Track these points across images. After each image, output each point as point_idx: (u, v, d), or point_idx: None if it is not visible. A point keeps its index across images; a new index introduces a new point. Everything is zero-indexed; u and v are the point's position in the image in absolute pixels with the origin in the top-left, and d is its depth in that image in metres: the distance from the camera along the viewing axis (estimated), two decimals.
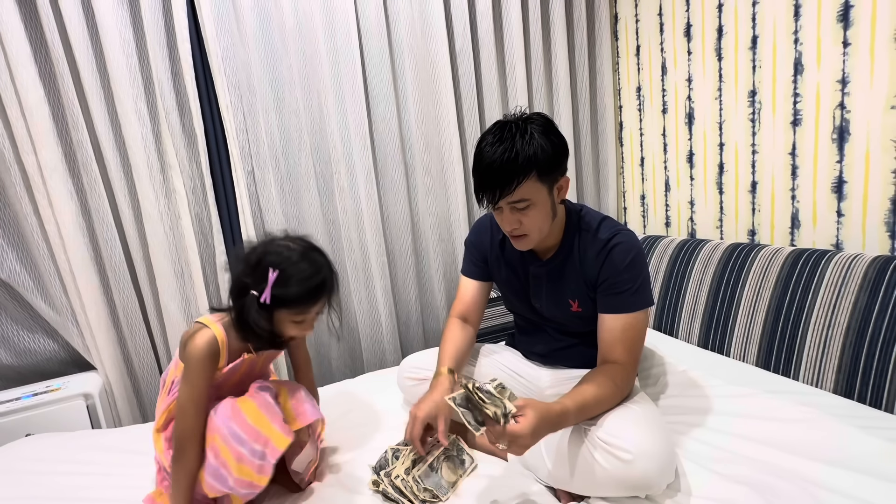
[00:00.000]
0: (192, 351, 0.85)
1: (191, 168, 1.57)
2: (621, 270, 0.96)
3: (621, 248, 0.97)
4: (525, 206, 0.92)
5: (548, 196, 0.94)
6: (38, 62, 1.37)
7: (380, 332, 1.82)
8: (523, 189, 0.90)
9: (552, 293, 1.08)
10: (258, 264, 0.85)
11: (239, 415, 0.84)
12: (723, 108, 1.57)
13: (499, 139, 0.90)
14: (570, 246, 1.04)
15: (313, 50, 1.63)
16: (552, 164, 0.92)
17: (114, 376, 1.50)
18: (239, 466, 0.81)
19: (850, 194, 1.27)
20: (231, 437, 0.82)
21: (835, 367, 1.14)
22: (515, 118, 0.94)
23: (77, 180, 1.45)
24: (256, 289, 0.85)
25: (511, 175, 0.89)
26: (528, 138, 0.89)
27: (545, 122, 0.93)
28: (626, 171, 2.06)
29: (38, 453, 1.13)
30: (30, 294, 1.45)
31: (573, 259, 1.03)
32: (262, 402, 0.87)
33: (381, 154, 1.78)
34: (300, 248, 0.89)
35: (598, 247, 0.99)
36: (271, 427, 0.84)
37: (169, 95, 1.50)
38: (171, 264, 1.53)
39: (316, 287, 0.87)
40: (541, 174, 0.90)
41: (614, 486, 0.83)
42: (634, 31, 1.89)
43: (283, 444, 0.83)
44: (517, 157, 0.88)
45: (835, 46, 1.25)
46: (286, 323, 0.89)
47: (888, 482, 0.81)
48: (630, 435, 0.83)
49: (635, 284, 0.96)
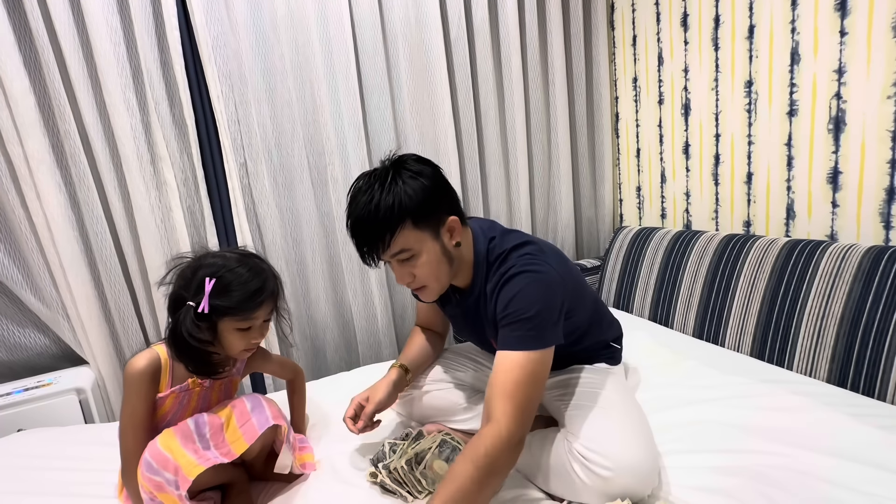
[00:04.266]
0: (129, 370, 0.84)
1: (182, 160, 1.54)
2: (507, 304, 0.84)
3: (513, 282, 0.86)
4: (409, 256, 0.85)
5: (434, 242, 0.86)
6: (22, 51, 1.33)
7: (375, 325, 1.81)
8: (400, 241, 0.83)
9: (473, 332, 1.08)
10: (194, 275, 0.84)
11: (153, 443, 0.82)
12: (719, 99, 1.57)
13: (360, 191, 0.85)
14: (479, 286, 0.95)
15: (305, 39, 1.60)
16: (426, 209, 0.84)
17: (106, 371, 1.49)
18: (163, 495, 0.78)
19: (845, 185, 1.27)
20: (145, 466, 0.79)
21: (828, 357, 1.14)
22: (381, 166, 0.87)
23: (65, 172, 1.42)
24: (193, 300, 0.82)
25: (379, 230, 0.82)
26: (388, 187, 0.82)
27: (414, 166, 0.86)
28: (621, 162, 2.06)
29: (30, 448, 1.12)
30: (19, 288, 1.43)
31: (484, 297, 0.94)
32: (182, 428, 0.85)
33: (376, 145, 1.76)
34: (237, 255, 0.88)
35: (496, 280, 0.90)
36: (182, 453, 0.80)
37: (158, 85, 1.47)
38: (163, 258, 1.51)
39: (257, 290, 0.85)
40: (416, 221, 0.83)
41: (595, 496, 0.82)
42: (631, 21, 1.88)
43: (192, 473, 0.77)
44: (379, 209, 0.81)
45: (832, 36, 1.24)
46: (231, 333, 0.86)
47: (881, 470, 0.82)
48: (608, 448, 0.81)
49: (522, 318, 0.82)
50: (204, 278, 0.83)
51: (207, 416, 0.88)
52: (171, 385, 0.88)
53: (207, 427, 0.87)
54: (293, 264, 1.71)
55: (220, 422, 0.88)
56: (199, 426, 0.86)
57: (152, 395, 0.86)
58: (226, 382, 0.98)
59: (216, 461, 0.81)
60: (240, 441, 0.85)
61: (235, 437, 0.86)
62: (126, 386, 0.84)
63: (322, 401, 1.28)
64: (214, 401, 0.97)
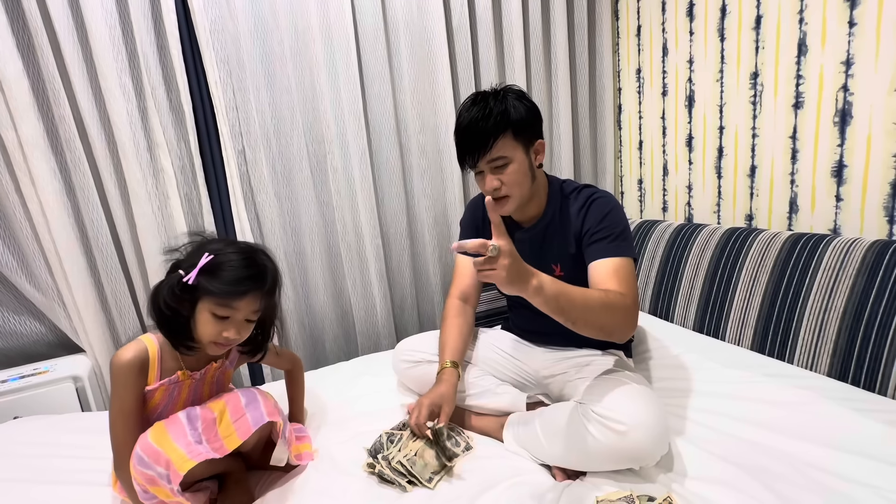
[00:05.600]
0: (116, 362, 0.82)
1: (179, 147, 1.52)
2: (601, 219, 1.00)
3: (601, 201, 1.03)
4: (503, 163, 0.98)
5: (525, 156, 1.00)
6: (15, 33, 1.31)
7: (374, 315, 1.80)
8: (500, 146, 0.96)
9: (535, 259, 1.07)
10: (196, 251, 0.84)
11: (144, 437, 0.80)
12: (724, 91, 1.55)
13: (473, 103, 0.99)
14: (552, 212, 1.09)
15: (305, 24, 1.57)
16: (526, 124, 0.98)
17: (103, 359, 1.48)
18: (156, 489, 0.78)
19: (849, 178, 1.26)
20: (136, 460, 0.78)
21: (830, 351, 1.14)
22: (492, 89, 1.02)
23: (60, 157, 1.40)
24: (185, 269, 0.82)
25: (487, 133, 0.95)
26: (500, 100, 0.97)
27: (518, 91, 1.02)
28: (623, 154, 2.04)
29: (26, 436, 1.11)
30: (14, 275, 1.41)
31: (555, 223, 1.08)
32: (173, 421, 0.83)
33: (376, 134, 1.73)
34: (245, 246, 0.87)
35: (579, 203, 1.05)
36: (174, 447, 0.78)
37: (155, 70, 1.44)
38: (160, 245, 1.49)
39: (245, 278, 0.83)
40: (516, 133, 0.97)
41: (608, 458, 0.84)
42: (636, 11, 1.85)
43: (183, 468, 0.76)
44: (490, 116, 0.95)
45: (840, 27, 1.22)
46: (206, 315, 0.82)
47: (882, 464, 0.82)
48: (623, 408, 0.84)
49: (615, 231, 0.98)
50: (203, 254, 0.82)
51: (200, 410, 0.86)
52: (160, 378, 0.86)
53: (200, 421, 0.85)
54: (291, 254, 1.69)
55: (212, 416, 0.86)
56: (192, 420, 0.84)
57: (140, 387, 0.84)
58: (217, 375, 0.96)
59: (207, 456, 0.80)
60: (233, 437, 0.84)
61: (229, 433, 0.85)
62: (113, 378, 0.83)
63: (320, 391, 1.28)
64: (206, 393, 0.95)
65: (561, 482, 0.89)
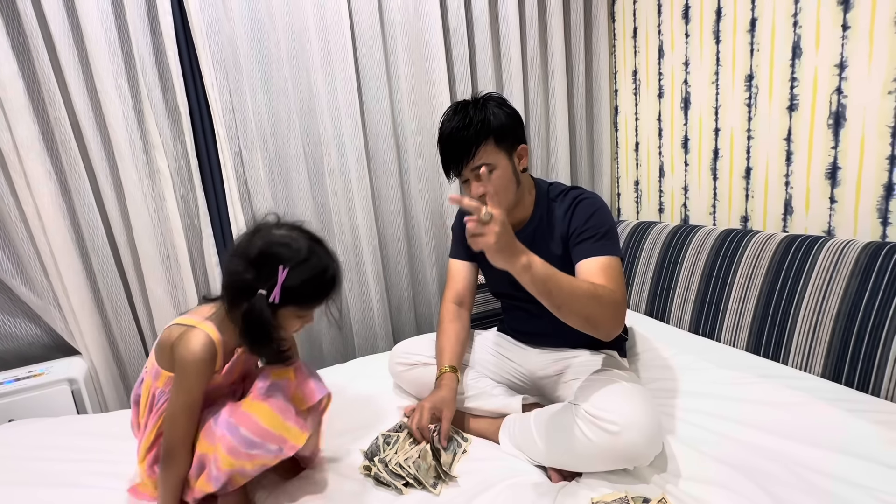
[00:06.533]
0: (188, 357, 0.79)
1: (175, 148, 1.52)
2: (587, 219, 1.01)
3: (586, 202, 1.04)
4: (488, 170, 0.97)
5: (508, 162, 1.01)
6: (10, 34, 1.30)
7: (371, 317, 1.80)
8: (482, 154, 0.97)
9: None
10: (262, 259, 0.79)
11: (249, 419, 0.79)
12: (719, 93, 1.56)
13: (455, 113, 1.01)
14: (540, 215, 1.09)
15: (302, 26, 1.57)
16: (507, 131, 0.99)
17: (99, 361, 1.48)
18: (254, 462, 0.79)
19: (843, 180, 1.26)
20: (242, 444, 0.78)
21: (824, 352, 1.15)
22: (472, 98, 1.03)
23: (56, 159, 1.39)
24: (264, 287, 0.78)
25: (469, 142, 0.97)
26: (480, 108, 0.99)
27: (498, 98, 1.03)
28: (620, 156, 2.05)
29: (21, 439, 1.11)
30: (9, 277, 1.41)
31: (543, 227, 1.09)
32: (277, 404, 0.83)
33: (373, 136, 1.74)
34: (306, 243, 0.82)
35: (566, 205, 1.06)
36: (285, 425, 0.81)
37: (151, 71, 1.44)
38: (156, 247, 1.50)
39: (328, 283, 0.83)
40: (497, 140, 0.98)
41: (602, 458, 0.84)
42: (632, 13, 1.86)
43: (300, 440, 0.81)
44: (471, 125, 0.97)
45: (834, 29, 1.23)
46: (290, 318, 0.84)
47: (875, 464, 0.82)
48: (616, 407, 0.84)
49: (601, 231, 0.99)
50: (276, 265, 0.77)
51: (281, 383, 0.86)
52: (224, 360, 0.85)
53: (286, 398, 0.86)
54: None
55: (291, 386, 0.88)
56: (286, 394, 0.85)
57: (210, 377, 0.83)
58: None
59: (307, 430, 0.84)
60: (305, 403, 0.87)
61: (300, 401, 0.87)
62: (184, 375, 0.80)
63: None
64: (252, 361, 0.95)
65: (556, 483, 0.89)
